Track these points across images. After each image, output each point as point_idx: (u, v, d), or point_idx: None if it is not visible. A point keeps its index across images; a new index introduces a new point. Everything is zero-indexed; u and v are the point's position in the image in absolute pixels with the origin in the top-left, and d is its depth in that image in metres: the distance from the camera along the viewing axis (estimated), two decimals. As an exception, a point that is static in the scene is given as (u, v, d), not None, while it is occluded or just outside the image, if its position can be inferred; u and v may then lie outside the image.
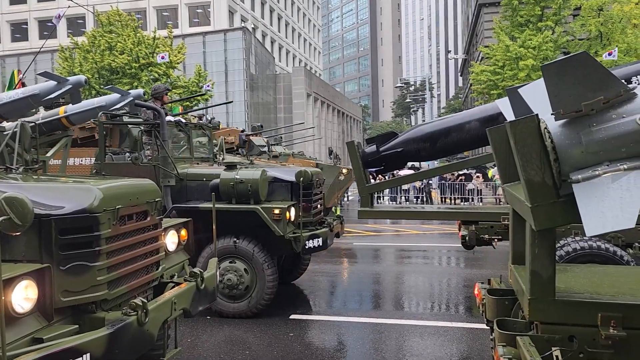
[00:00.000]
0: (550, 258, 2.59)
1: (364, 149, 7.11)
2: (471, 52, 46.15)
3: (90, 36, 25.71)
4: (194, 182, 6.70)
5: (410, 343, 5.61)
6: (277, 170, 6.93)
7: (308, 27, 70.22)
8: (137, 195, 3.47)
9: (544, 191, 2.38)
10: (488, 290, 3.38)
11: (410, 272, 9.44)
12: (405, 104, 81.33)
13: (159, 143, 6.53)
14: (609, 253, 5.26)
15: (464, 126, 6.73)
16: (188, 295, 3.70)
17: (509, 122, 2.43)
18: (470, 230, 6.45)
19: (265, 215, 6.10)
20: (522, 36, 23.53)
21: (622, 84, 2.23)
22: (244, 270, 6.30)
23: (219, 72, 37.91)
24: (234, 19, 45.88)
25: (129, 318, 2.97)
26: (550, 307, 2.62)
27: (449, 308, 7.16)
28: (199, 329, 6.02)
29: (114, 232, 3.14)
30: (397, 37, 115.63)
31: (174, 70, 26.43)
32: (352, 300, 7.70)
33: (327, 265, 9.71)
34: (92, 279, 2.97)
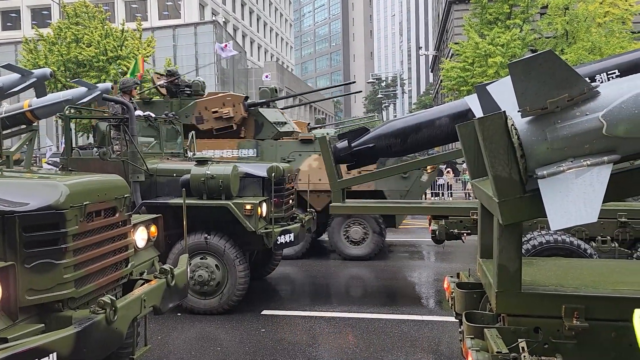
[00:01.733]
0: (517, 252, 2.66)
1: (336, 144, 7.12)
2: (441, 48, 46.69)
3: (56, 28, 25.00)
4: (164, 178, 6.61)
5: (382, 336, 5.67)
6: (248, 165, 6.89)
7: (280, 22, 69.87)
8: (105, 192, 3.41)
9: (511, 186, 2.44)
10: (457, 284, 3.44)
11: (381, 267, 9.52)
12: (377, 100, 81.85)
13: (127, 138, 6.42)
14: (573, 246, 5.41)
15: (435, 122, 6.79)
16: (158, 293, 3.66)
17: (477, 119, 2.47)
18: (440, 225, 6.55)
19: (236, 211, 6.07)
20: (491, 34, 23.88)
21: (585, 82, 2.29)
22: (215, 266, 6.26)
23: (189, 66, 37.35)
24: (204, 13, 45.30)
25: (97, 316, 2.93)
26: (516, 300, 2.69)
27: (419, 301, 7.25)
28: (170, 326, 5.96)
29: (81, 229, 3.08)
30: (369, 33, 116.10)
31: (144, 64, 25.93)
32: (324, 295, 7.73)
33: (299, 260, 9.72)
34: (58, 277, 2.92)
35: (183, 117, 9.77)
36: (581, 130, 2.29)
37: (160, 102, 10.20)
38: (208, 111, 9.80)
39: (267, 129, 9.82)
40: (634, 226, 5.89)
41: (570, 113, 2.31)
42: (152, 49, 26.02)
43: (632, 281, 3.08)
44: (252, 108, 9.93)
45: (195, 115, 9.84)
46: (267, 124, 9.91)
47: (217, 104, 9.82)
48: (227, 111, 9.63)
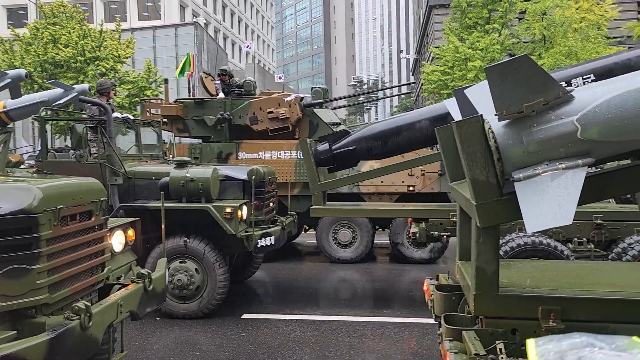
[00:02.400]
0: (494, 254, 2.68)
1: (317, 147, 7.11)
2: (422, 52, 47.06)
3: (33, 28, 24.57)
4: (142, 181, 6.53)
5: (363, 339, 5.67)
6: (228, 168, 6.85)
7: (261, 24, 69.74)
8: (81, 195, 3.35)
9: (488, 189, 2.46)
10: (436, 286, 3.46)
11: (363, 269, 9.54)
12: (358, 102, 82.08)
13: (105, 140, 6.32)
14: (551, 248, 5.49)
15: (415, 125, 6.83)
16: (135, 297, 3.60)
17: (454, 122, 2.49)
18: (421, 227, 6.58)
19: (216, 214, 6.02)
20: (470, 38, 24.16)
21: (560, 86, 2.32)
22: (195, 270, 6.20)
23: (169, 68, 36.98)
24: (185, 14, 44.98)
25: (71, 322, 2.87)
26: (493, 302, 2.71)
27: (400, 304, 7.28)
28: (148, 331, 5.88)
29: (55, 234, 3.02)
30: (351, 36, 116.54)
31: (123, 65, 25.63)
32: (304, 298, 7.71)
33: (279, 263, 9.68)
34: (31, 283, 2.85)
35: (236, 117, 9.66)
36: (556, 134, 2.32)
37: (213, 103, 10.02)
38: (263, 111, 9.60)
39: (322, 130, 9.63)
40: (609, 228, 5.99)
41: (545, 117, 2.34)
42: (132, 50, 25.72)
43: (606, 282, 3.13)
44: (307, 108, 9.81)
45: (250, 116, 9.66)
46: (322, 124, 9.77)
47: (273, 104, 9.61)
48: (283, 111, 9.44)
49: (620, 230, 5.97)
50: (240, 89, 10.41)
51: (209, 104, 10.02)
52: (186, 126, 10.04)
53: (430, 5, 37.14)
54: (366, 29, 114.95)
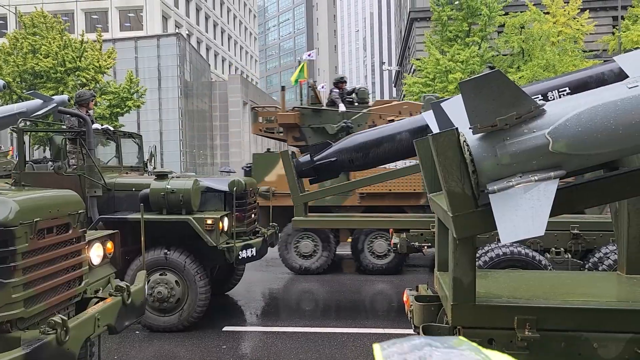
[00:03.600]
0: (471, 265, 2.72)
1: (298, 158, 7.14)
2: (404, 64, 47.57)
3: (12, 38, 24.32)
4: (122, 192, 6.48)
5: (345, 351, 5.67)
6: (210, 179, 6.83)
7: (244, 35, 69.88)
8: (58, 207, 3.32)
9: (464, 201, 2.50)
10: (415, 297, 3.49)
11: (344, 280, 9.54)
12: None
13: (84, 152, 6.27)
14: (529, 258, 5.57)
15: (395, 136, 6.89)
16: (113, 311, 3.57)
17: (431, 135, 2.53)
18: (402, 238, 6.62)
19: (197, 226, 5.99)
20: (451, 50, 24.55)
21: (532, 100, 2.38)
22: (175, 282, 6.15)
23: (151, 79, 36.90)
24: (167, 25, 44.93)
25: (47, 337, 2.83)
26: (470, 312, 2.74)
27: (380, 314, 7.29)
28: (127, 344, 5.81)
29: (32, 247, 2.99)
30: (334, 48, 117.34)
31: (104, 76, 25.47)
32: (286, 310, 7.69)
33: (262, 275, 9.65)
34: (6, 297, 2.81)
35: (356, 126, 9.53)
36: (529, 147, 2.37)
37: (332, 112, 9.94)
38: (383, 120, 9.48)
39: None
40: (585, 238, 6.10)
41: (518, 130, 2.40)
42: (113, 60, 25.59)
43: (581, 292, 3.19)
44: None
45: (369, 124, 9.54)
46: None
47: (393, 113, 9.55)
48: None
49: (596, 240, 6.08)
50: (350, 95, 10.33)
51: (327, 113, 9.95)
52: (303, 134, 9.99)
53: (411, 18, 37.65)
54: (349, 41, 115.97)
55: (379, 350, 0.96)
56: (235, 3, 65.49)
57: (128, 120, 28.04)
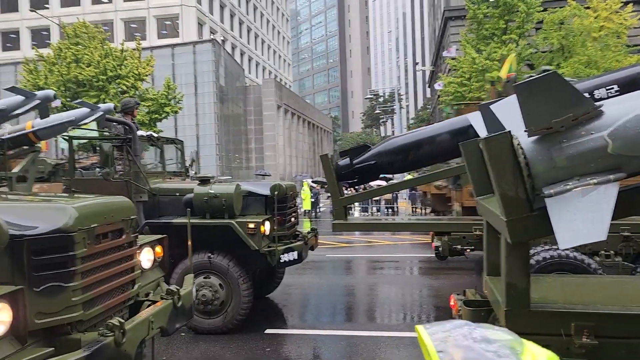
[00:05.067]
0: (525, 270, 2.67)
1: (338, 161, 7.15)
2: (438, 64, 47.03)
3: (56, 48, 25.18)
4: (166, 197, 6.62)
5: (387, 355, 5.64)
6: (251, 184, 6.92)
7: (277, 39, 70.49)
8: (112, 213, 3.42)
9: (518, 205, 2.46)
10: (464, 301, 3.44)
11: (383, 283, 9.50)
12: (374, 115, 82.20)
13: (130, 158, 6.44)
14: (577, 261, 5.42)
15: (435, 139, 6.84)
16: (165, 314, 3.65)
17: (482, 139, 2.50)
18: (444, 241, 6.55)
19: (239, 230, 6.07)
20: (487, 49, 24.11)
21: (590, 101, 2.33)
22: (219, 285, 6.24)
23: (188, 85, 37.63)
24: (203, 31, 45.71)
25: (106, 339, 2.92)
26: (525, 318, 2.69)
27: (423, 319, 7.23)
28: (174, 346, 5.93)
29: (89, 252, 3.09)
30: (366, 49, 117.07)
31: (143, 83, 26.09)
32: (326, 313, 7.70)
33: (301, 278, 9.69)
34: (67, 300, 2.91)
35: None
36: (586, 149, 2.32)
37: None
38: None
39: None
40: (637, 240, 5.90)
41: (575, 132, 2.34)
42: (151, 67, 26.17)
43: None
44: None
45: None
46: None
47: None
48: None
49: (648, 242, 5.88)
50: None
51: None
52: None
53: (446, 17, 37.19)
54: (381, 42, 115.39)
55: (422, 329, 1.03)
56: (268, 7, 66.14)
57: (166, 125, 28.61)
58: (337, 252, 12.95)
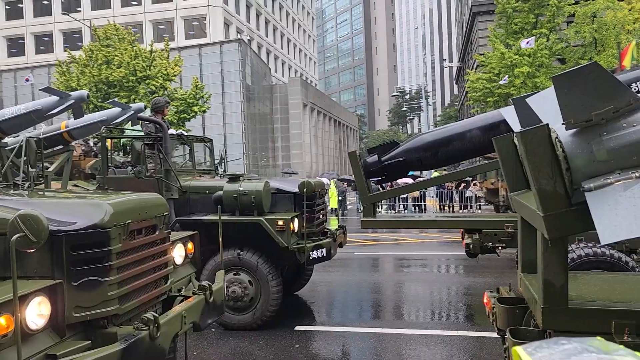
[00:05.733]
0: (563, 266, 2.61)
1: (366, 158, 7.13)
2: (466, 60, 46.43)
3: (88, 50, 25.77)
4: (196, 195, 6.69)
5: (417, 353, 5.60)
6: (279, 181, 6.95)
7: (303, 38, 70.64)
8: (146, 210, 3.48)
9: (556, 200, 2.40)
10: (498, 299, 3.39)
11: (411, 281, 9.43)
12: (401, 113, 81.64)
13: (161, 156, 6.54)
14: (614, 259, 5.27)
15: (465, 135, 6.77)
16: (197, 309, 3.69)
17: (519, 132, 2.45)
18: (474, 239, 6.45)
19: (269, 227, 6.10)
20: (516, 43, 23.69)
21: (632, 93, 2.26)
22: (249, 282, 6.29)
23: (215, 84, 38.03)
24: (229, 31, 46.12)
25: (141, 333, 2.96)
26: (563, 316, 2.63)
27: (452, 317, 7.15)
28: (204, 341, 6.00)
29: (124, 247, 3.14)
30: (392, 46, 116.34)
31: (171, 83, 26.49)
32: (355, 311, 7.68)
33: (329, 275, 9.69)
34: (103, 294, 2.97)
35: None
36: (628, 142, 2.25)
37: None
38: None
39: None
40: (676, 237, 5.69)
41: (616, 125, 2.28)
42: (180, 68, 26.55)
43: (682, 295, 2.99)
44: None
45: None
46: None
47: None
48: None
49: (688, 240, 5.67)
50: None
51: None
52: None
53: (473, 12, 36.68)
54: (407, 39, 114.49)
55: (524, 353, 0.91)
56: (294, 6, 66.33)
57: (194, 125, 28.98)
58: (365, 250, 12.91)
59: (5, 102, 38.16)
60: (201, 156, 8.23)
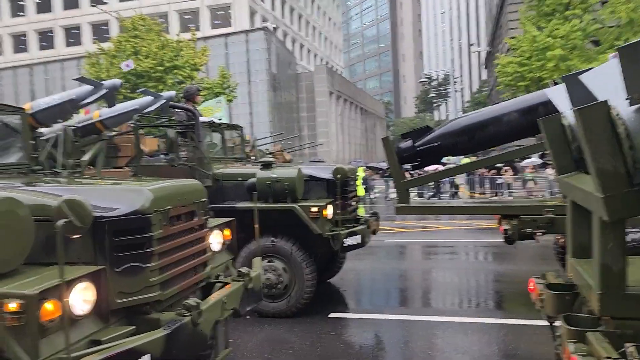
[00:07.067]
0: (621, 250, 2.48)
1: (399, 144, 7.01)
2: (495, 44, 45.47)
3: (116, 41, 26.06)
4: (229, 182, 6.67)
5: (455, 340, 5.50)
6: (312, 168, 6.89)
7: (328, 25, 70.15)
8: (185, 196, 3.46)
9: (617, 180, 2.27)
10: (547, 285, 3.27)
11: (442, 268, 9.30)
12: (427, 99, 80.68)
13: (194, 144, 6.54)
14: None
15: (502, 118, 6.59)
16: (237, 296, 3.68)
17: (577, 109, 2.32)
18: (513, 224, 6.28)
19: (302, 214, 6.06)
20: (549, 26, 23.04)
21: None
22: (283, 269, 6.27)
23: (241, 73, 38.11)
24: (254, 20, 46.08)
25: (184, 319, 2.96)
26: (621, 302, 2.51)
27: (490, 304, 7.02)
28: (240, 329, 6.01)
29: (165, 233, 3.13)
30: (418, 32, 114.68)
31: (198, 73, 26.62)
32: (387, 298, 7.63)
33: (360, 262, 9.63)
34: (145, 280, 2.97)
35: None
36: (698, 118, 2.10)
37: None
38: None
39: None
40: None
41: (685, 99, 2.13)
42: (206, 57, 26.64)
43: None
44: None
45: None
46: None
47: None
48: None
49: None
50: None
51: None
52: None
53: (503, -5, 35.82)
54: (434, 24, 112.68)
55: None
56: (319, -7, 65.88)
57: (221, 114, 29.11)
58: (395, 237, 12.79)
59: (37, 95, 39.02)
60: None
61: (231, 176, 6.72)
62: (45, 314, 2.37)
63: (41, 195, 3.01)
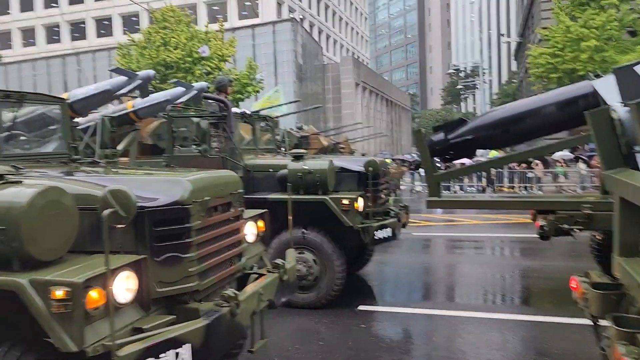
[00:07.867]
0: (676, 250, 2.39)
1: (432, 137, 6.92)
2: (526, 34, 44.48)
3: (146, 33, 26.33)
4: (260, 173, 6.69)
5: (489, 336, 5.43)
6: (343, 160, 6.85)
7: (355, 16, 69.61)
8: (222, 187, 3.47)
9: (675, 177, 2.18)
10: (592, 284, 3.17)
11: (471, 263, 9.18)
12: (455, 91, 79.54)
13: (226, 135, 6.56)
14: None
15: (539, 111, 6.43)
16: (272, 287, 3.69)
17: (633, 103, 2.23)
18: (549, 220, 6.13)
19: (334, 206, 6.04)
20: (583, 16, 22.43)
21: None
22: (313, 260, 6.27)
23: (268, 64, 38.12)
24: (281, 10, 46.00)
25: (223, 309, 2.97)
26: (674, 303, 2.42)
27: (523, 301, 6.91)
28: (270, 319, 5.94)
29: (203, 224, 3.15)
30: (446, 22, 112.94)
31: (226, 64, 26.74)
32: (419, 292, 7.57)
33: (388, 255, 9.57)
34: (184, 270, 2.99)
35: None
36: None
37: None
38: None
39: None
40: None
41: None
42: (234, 48, 26.72)
43: None
44: None
45: None
46: None
47: None
48: None
49: None
50: None
51: None
52: None
53: (535, -16, 34.98)
54: (463, 14, 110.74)
55: None
56: (345, -16, 65.37)
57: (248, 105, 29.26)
58: (423, 231, 12.67)
59: (69, 85, 39.79)
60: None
61: (262, 167, 6.73)
62: (90, 301, 2.41)
63: (84, 184, 3.05)
